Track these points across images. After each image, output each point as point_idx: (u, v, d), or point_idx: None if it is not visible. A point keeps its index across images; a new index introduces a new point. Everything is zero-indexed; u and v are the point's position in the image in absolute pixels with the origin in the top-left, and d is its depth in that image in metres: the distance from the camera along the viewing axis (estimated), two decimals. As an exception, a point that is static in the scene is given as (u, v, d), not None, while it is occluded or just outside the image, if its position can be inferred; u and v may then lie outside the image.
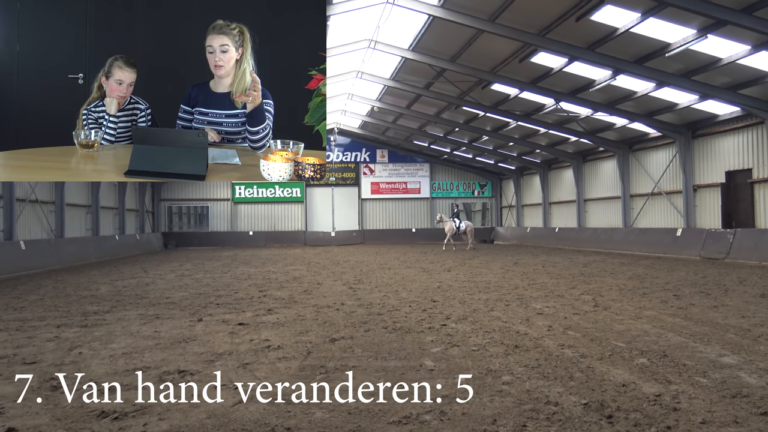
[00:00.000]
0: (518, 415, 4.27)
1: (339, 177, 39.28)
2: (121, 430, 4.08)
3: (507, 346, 6.49)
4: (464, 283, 13.16)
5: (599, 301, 9.97)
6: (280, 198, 38.77)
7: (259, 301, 10.55)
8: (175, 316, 9.07)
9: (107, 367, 5.84)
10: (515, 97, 22.85)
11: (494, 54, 19.08)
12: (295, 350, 6.48)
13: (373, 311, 9.19)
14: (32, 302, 10.99)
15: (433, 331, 7.50)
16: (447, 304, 9.80)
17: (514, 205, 37.98)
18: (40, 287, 13.74)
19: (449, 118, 28.59)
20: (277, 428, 4.07)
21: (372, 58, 21.80)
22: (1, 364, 6.07)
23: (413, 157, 39.85)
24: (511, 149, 33.25)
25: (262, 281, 14.33)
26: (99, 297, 11.64)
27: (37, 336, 7.57)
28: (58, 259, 20.97)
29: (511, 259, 21.00)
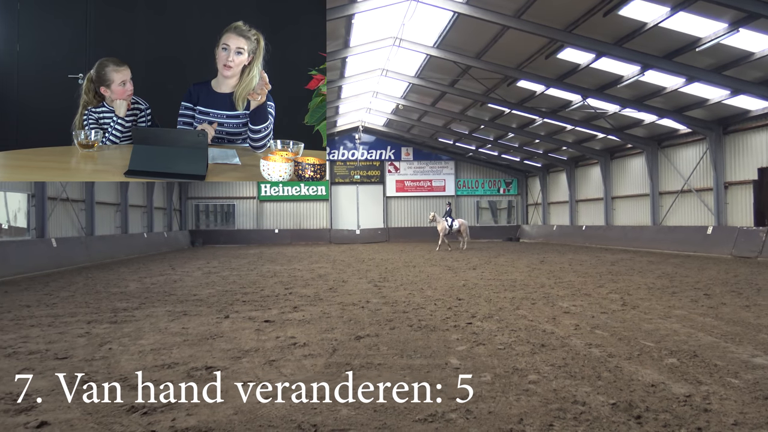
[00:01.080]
0: (545, 414, 4.24)
1: (364, 175, 39.33)
2: (150, 425, 4.13)
3: (533, 345, 6.44)
4: (490, 281, 13.09)
5: (627, 299, 9.84)
6: (305, 196, 38.95)
7: (285, 299, 10.62)
8: (202, 313, 9.18)
9: (136, 363, 5.93)
10: (541, 93, 22.63)
11: (520, 50, 18.92)
12: (321, 347, 6.51)
13: (398, 309, 9.19)
14: (63, 299, 11.20)
15: (458, 329, 7.47)
16: (472, 303, 9.76)
17: (540, 203, 37.64)
18: (71, 284, 14.01)
19: (474, 115, 28.43)
20: (303, 425, 4.09)
21: (397, 55, 21.77)
22: (34, 358, 6.20)
23: (438, 154, 39.72)
24: (537, 146, 32.95)
25: (288, 279, 14.42)
26: (128, 294, 11.83)
27: (69, 332, 7.72)
28: (88, 257, 21.35)
29: (537, 258, 20.83)
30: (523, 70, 20.39)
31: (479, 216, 40.26)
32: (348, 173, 39.21)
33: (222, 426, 4.10)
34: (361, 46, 20.35)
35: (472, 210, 40.12)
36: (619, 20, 15.25)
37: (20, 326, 8.22)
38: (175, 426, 4.10)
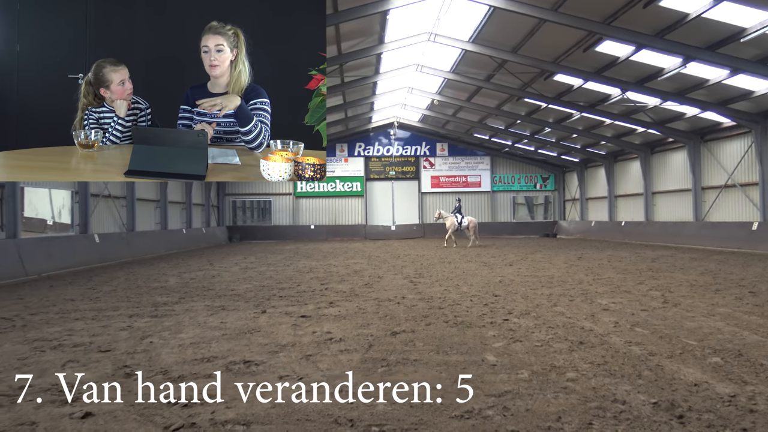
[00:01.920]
0: (584, 412, 4.18)
1: (399, 171, 39.33)
2: (190, 417, 4.21)
3: (571, 343, 6.35)
4: (526, 277, 12.96)
5: (669, 297, 9.63)
6: (340, 192, 39.15)
7: (321, 294, 10.69)
8: (240, 307, 9.30)
9: (176, 356, 6.03)
10: (579, 87, 22.28)
11: (557, 44, 18.66)
12: (357, 343, 6.54)
13: (434, 305, 9.16)
14: (106, 293, 11.48)
15: (495, 325, 7.42)
16: (509, 299, 9.68)
17: (578, 199, 37.12)
18: (113, 278, 14.34)
19: (510, 110, 28.16)
20: (339, 419, 4.11)
21: (432, 51, 21.68)
22: (78, 351, 6.37)
23: (473, 150, 39.47)
24: (574, 141, 32.48)
25: (324, 274, 14.51)
26: (168, 288, 12.05)
27: (111, 325, 7.90)
28: (130, 252, 21.84)
29: (574, 254, 20.55)
30: (560, 64, 20.11)
31: (515, 212, 39.90)
32: (383, 169, 39.27)
33: (260, 419, 4.15)
34: (395, 42, 20.33)
35: (509, 206, 39.78)
36: (660, 11, 14.91)
37: (65, 319, 8.45)
38: (214, 418, 4.17)
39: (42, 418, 4.24)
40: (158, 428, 4.00)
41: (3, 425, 4.10)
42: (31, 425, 4.10)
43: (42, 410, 4.41)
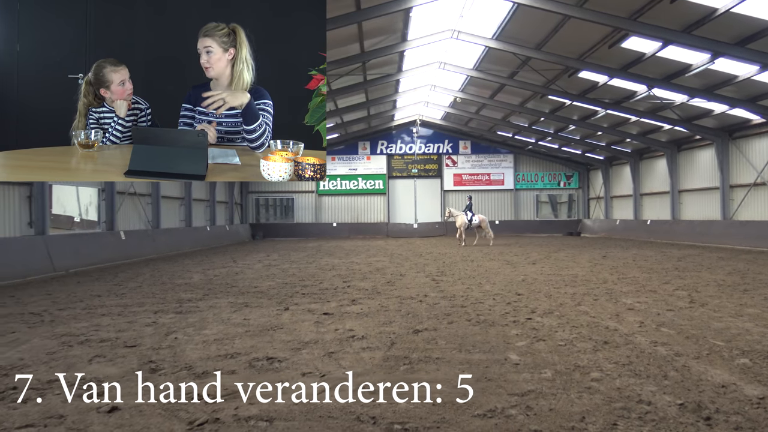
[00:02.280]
0: (608, 413, 4.13)
1: (421, 169, 39.26)
2: (214, 412, 4.25)
3: (595, 342, 6.29)
4: (550, 276, 12.85)
5: (695, 297, 9.48)
6: (363, 190, 39.20)
7: (344, 292, 10.72)
8: (263, 304, 9.37)
9: (200, 352, 6.10)
10: (604, 84, 22.02)
11: (582, 40, 18.44)
12: (379, 341, 6.54)
13: (456, 303, 9.14)
14: (132, 289, 11.63)
15: (517, 324, 7.37)
16: (532, 298, 9.61)
17: (603, 197, 36.71)
18: (139, 275, 14.53)
19: (534, 107, 27.93)
20: (362, 416, 4.12)
21: (455, 48, 21.58)
22: (105, 346, 6.47)
23: (496, 147, 39.24)
24: (599, 139, 32.12)
25: (346, 272, 14.54)
26: (192, 285, 12.18)
27: (137, 321, 8.01)
28: (155, 249, 22.10)
29: (599, 252, 20.34)
30: (585, 61, 19.88)
31: (539, 210, 39.60)
32: (405, 167, 39.23)
33: (283, 415, 4.18)
34: (418, 39, 20.27)
35: (532, 204, 39.49)
36: (688, 6, 14.66)
37: (92, 315, 8.58)
38: (238, 414, 4.20)
39: (70, 411, 4.32)
40: (182, 423, 4.05)
41: (32, 418, 4.18)
42: (59, 418, 4.17)
43: (70, 404, 4.48)
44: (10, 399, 4.62)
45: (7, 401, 4.57)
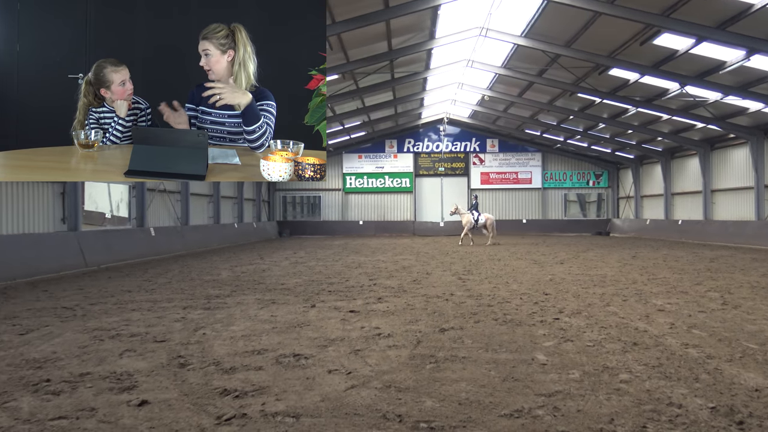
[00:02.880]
0: (637, 415, 4.07)
1: (448, 167, 39.13)
2: (241, 407, 4.29)
3: (625, 343, 6.20)
4: (578, 276, 12.71)
5: (728, 298, 9.29)
6: (389, 188, 39.21)
7: (370, 290, 10.74)
8: (289, 301, 9.43)
9: (228, 348, 6.16)
10: (635, 82, 21.69)
11: (613, 37, 18.18)
12: (405, 339, 6.54)
13: (482, 302, 9.09)
14: (161, 285, 11.80)
15: (545, 324, 7.31)
16: (560, 298, 9.52)
17: (633, 196, 36.19)
18: (168, 271, 14.74)
19: (563, 105, 27.64)
20: (388, 414, 4.12)
21: (483, 46, 21.45)
22: (135, 341, 6.57)
23: (524, 146, 38.93)
24: (629, 137, 31.65)
25: (372, 270, 14.57)
26: (220, 281, 12.31)
27: (166, 316, 8.13)
28: (184, 245, 22.40)
29: (628, 253, 20.05)
30: (615, 58, 19.61)
31: (567, 209, 39.20)
32: (432, 165, 39.14)
33: (310, 412, 4.20)
34: (446, 37, 20.19)
35: (560, 203, 39.11)
36: (722, 2, 14.36)
37: (122, 310, 8.73)
38: (265, 410, 4.23)
39: (101, 404, 4.40)
40: (211, 418, 4.09)
41: (65, 411, 4.26)
42: (90, 411, 4.25)
43: (101, 397, 4.56)
44: (44, 391, 4.72)
45: (41, 393, 4.67)
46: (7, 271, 12.65)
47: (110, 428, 3.93)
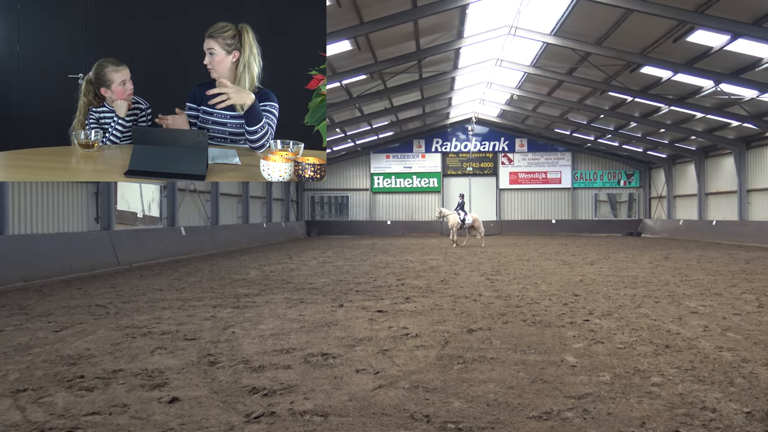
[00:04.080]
0: (669, 419, 4.00)
1: (476, 167, 38.91)
2: (270, 406, 4.32)
3: (656, 346, 6.09)
4: (608, 277, 12.54)
5: (764, 301, 9.07)
6: (417, 188, 39.15)
7: (397, 290, 10.73)
8: (317, 301, 9.47)
9: (257, 347, 6.21)
10: (668, 80, 21.30)
11: (645, 34, 17.88)
12: (433, 339, 6.52)
13: (511, 303, 9.02)
14: (191, 284, 11.96)
15: (574, 326, 7.22)
16: (590, 299, 9.40)
17: (665, 196, 35.56)
18: (198, 270, 14.93)
19: (593, 104, 27.28)
20: (415, 414, 4.11)
21: (512, 44, 21.29)
22: (166, 338, 6.67)
23: (554, 145, 38.54)
24: (662, 136, 31.11)
25: (400, 270, 14.56)
26: (249, 281, 12.43)
27: (196, 315, 8.23)
28: (213, 245, 22.66)
29: (660, 253, 19.72)
30: (647, 56, 19.29)
31: (597, 209, 38.70)
32: (460, 165, 38.97)
33: (337, 411, 4.21)
34: (475, 36, 20.08)
35: (590, 203, 38.62)
36: (759, -2, 14.04)
37: (154, 308, 8.87)
38: (293, 408, 4.26)
39: (133, 401, 4.47)
40: (240, 416, 4.13)
41: (98, 406, 4.35)
42: (123, 407, 4.33)
43: (133, 394, 4.64)
44: (78, 387, 4.81)
45: (75, 389, 4.76)
46: (43, 270, 12.94)
47: (142, 424, 3.99)
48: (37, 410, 4.28)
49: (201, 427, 3.92)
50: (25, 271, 12.45)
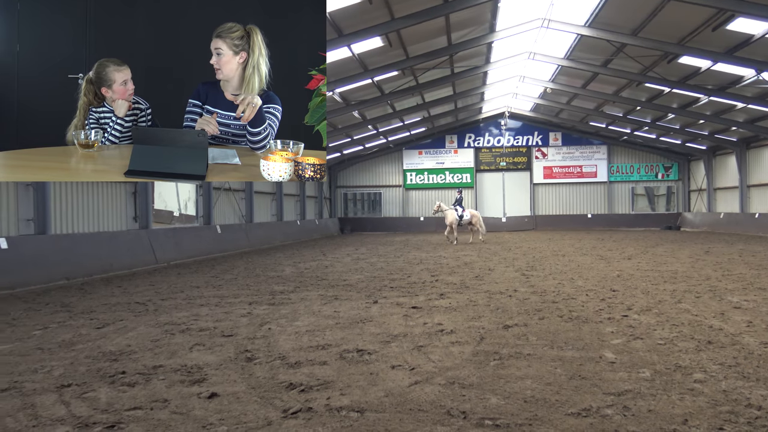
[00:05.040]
0: (713, 416, 3.91)
1: (510, 162, 38.56)
2: (307, 401, 4.35)
3: (698, 342, 5.96)
4: (647, 272, 12.30)
5: (811, 295, 8.81)
6: (450, 184, 38.96)
7: (432, 286, 10.71)
8: (352, 297, 9.51)
9: (293, 343, 6.27)
10: (707, 69, 20.76)
11: (682, 23, 17.45)
12: (468, 335, 6.49)
13: (547, 299, 8.92)
14: (228, 281, 12.12)
15: (613, 321, 7.10)
16: (628, 294, 9.24)
17: (705, 189, 34.73)
18: (234, 267, 15.12)
19: (629, 96, 26.74)
20: (452, 411, 4.10)
21: (545, 37, 21.00)
22: (204, 335, 6.77)
23: (589, 139, 37.95)
24: (701, 127, 30.36)
25: (434, 266, 14.52)
26: (284, 278, 12.54)
27: (233, 312, 8.34)
28: (248, 242, 22.93)
29: (701, 247, 19.27)
30: (685, 45, 18.82)
31: (634, 203, 38.00)
32: (493, 160, 38.67)
33: (374, 407, 4.22)
34: (507, 30, 19.87)
35: (627, 197, 37.95)
36: (803, -18, 13.57)
37: (191, 305, 9.01)
38: (329, 404, 4.28)
39: (173, 396, 4.55)
40: (277, 411, 4.17)
41: (139, 401, 4.43)
42: (163, 402, 4.41)
43: (173, 389, 4.72)
44: (120, 382, 4.92)
45: (117, 384, 4.87)
46: (85, 268, 13.26)
47: (182, 419, 4.06)
48: (81, 405, 4.39)
49: (240, 422, 3.97)
50: (67, 269, 12.78)
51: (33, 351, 6.18)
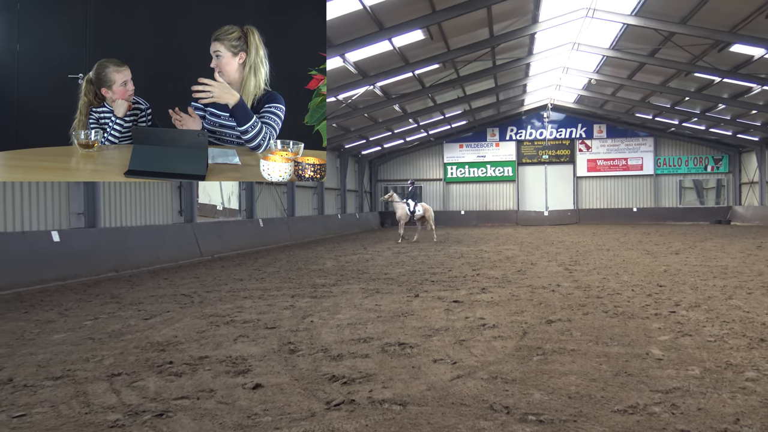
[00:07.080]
0: (766, 416, 3.78)
1: (552, 155, 38.00)
2: (349, 394, 4.38)
3: (750, 339, 5.78)
4: (695, 267, 11.98)
5: None
6: (491, 177, 38.65)
7: (473, 280, 10.64)
8: (393, 291, 9.52)
9: (335, 336, 6.31)
10: (760, 58, 20.03)
11: (733, 10, 16.88)
12: (511, 330, 6.43)
13: (591, 294, 8.77)
14: (270, 274, 12.28)
15: (660, 318, 6.94)
16: (676, 290, 9.01)
17: (757, 181, 33.58)
18: (276, 260, 15.31)
19: (678, 86, 26.02)
20: (495, 405, 4.07)
21: (589, 27, 20.58)
22: (247, 327, 6.88)
23: (635, 131, 37.10)
24: (753, 118, 29.34)
25: (475, 260, 14.43)
26: (325, 271, 12.64)
27: (276, 304, 8.45)
28: (290, 236, 23.18)
29: (753, 242, 18.66)
30: (737, 33, 18.19)
31: (682, 196, 37.02)
32: (536, 153, 38.17)
33: (416, 400, 4.22)
34: (550, 20, 19.55)
35: (674, 190, 37.00)
36: None
37: (235, 297, 9.17)
38: (372, 397, 4.30)
39: (219, 386, 4.64)
40: (320, 403, 4.21)
41: (186, 391, 4.53)
42: (209, 392, 4.50)
43: (218, 380, 4.81)
44: (167, 372, 5.04)
45: (165, 374, 4.99)
46: (132, 261, 13.62)
47: (228, 409, 4.14)
48: (131, 393, 4.51)
49: (284, 413, 4.02)
50: (116, 261, 13.14)
51: (84, 341, 6.38)
